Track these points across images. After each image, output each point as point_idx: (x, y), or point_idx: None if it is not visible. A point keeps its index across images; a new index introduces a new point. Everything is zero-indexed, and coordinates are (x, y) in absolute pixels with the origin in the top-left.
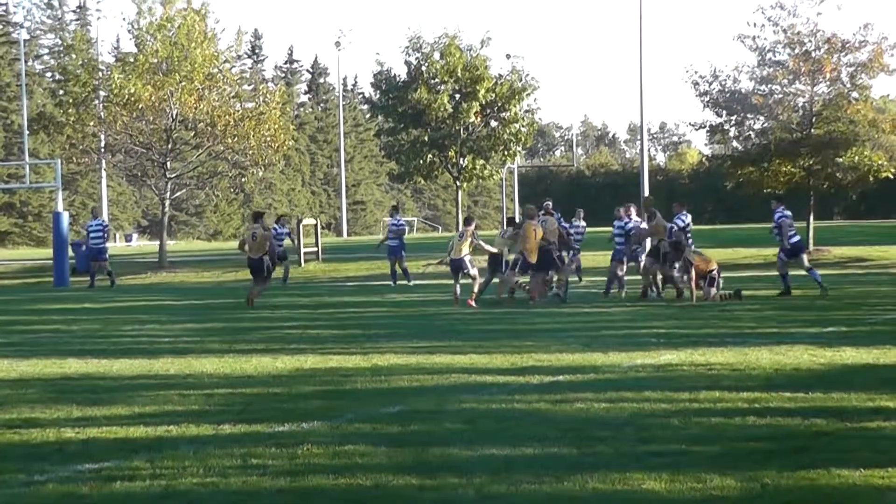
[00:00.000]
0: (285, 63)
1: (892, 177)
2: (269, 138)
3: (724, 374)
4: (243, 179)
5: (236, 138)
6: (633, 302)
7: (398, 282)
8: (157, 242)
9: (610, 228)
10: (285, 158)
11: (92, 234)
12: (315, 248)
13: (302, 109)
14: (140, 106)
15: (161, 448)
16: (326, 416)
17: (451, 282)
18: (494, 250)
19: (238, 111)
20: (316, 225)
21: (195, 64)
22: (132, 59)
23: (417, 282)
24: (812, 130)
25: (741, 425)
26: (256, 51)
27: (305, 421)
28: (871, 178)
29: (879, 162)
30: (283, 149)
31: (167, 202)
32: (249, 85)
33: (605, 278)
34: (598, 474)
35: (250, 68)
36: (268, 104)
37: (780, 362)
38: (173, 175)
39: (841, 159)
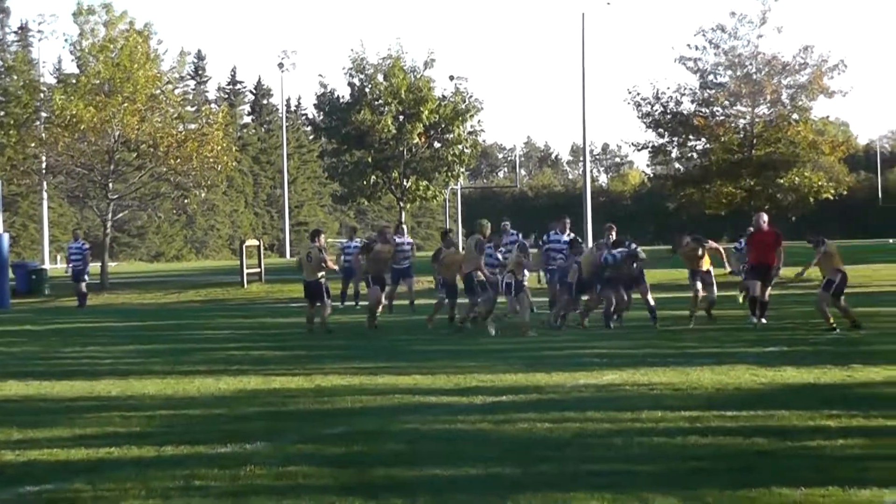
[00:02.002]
0: (228, 84)
1: (832, 198)
2: (211, 159)
3: (666, 393)
4: (186, 201)
5: (179, 159)
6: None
7: (346, 303)
8: (99, 264)
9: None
10: (228, 180)
11: (73, 256)
12: (258, 270)
13: (245, 131)
14: (82, 127)
15: (102, 470)
16: (269, 438)
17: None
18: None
19: (181, 132)
20: (259, 246)
21: (138, 85)
22: (74, 81)
23: (365, 303)
24: (753, 152)
25: (683, 445)
26: (199, 72)
27: (248, 442)
28: (812, 200)
29: (819, 183)
30: (225, 170)
31: (109, 223)
32: (192, 106)
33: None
34: (541, 494)
35: (193, 89)
36: (210, 125)
37: (721, 382)
38: (115, 196)
39: (782, 180)
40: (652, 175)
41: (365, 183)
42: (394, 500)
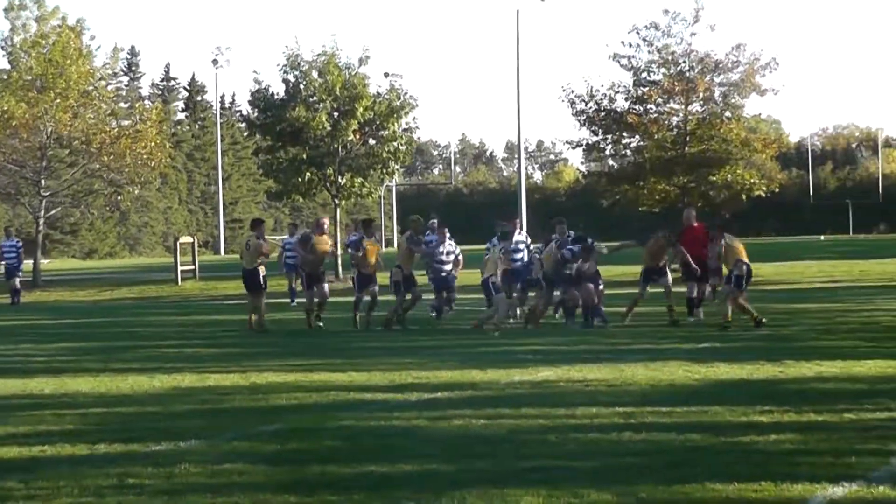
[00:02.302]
0: (162, 80)
1: (764, 195)
2: (145, 156)
3: (600, 389)
4: (119, 198)
5: (112, 156)
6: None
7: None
8: (31, 261)
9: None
10: (162, 176)
11: (6, 254)
12: (192, 267)
13: (179, 127)
14: (13, 123)
15: (35, 468)
16: (204, 435)
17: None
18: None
19: (114, 129)
20: (193, 243)
21: (70, 81)
22: (5, 76)
23: (301, 300)
24: (686, 149)
25: (617, 440)
26: (133, 68)
27: (183, 440)
28: (744, 197)
29: (752, 180)
30: (159, 167)
31: (41, 221)
32: (126, 102)
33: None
34: (476, 490)
35: (126, 86)
36: (144, 122)
37: (655, 378)
38: (48, 193)
39: (715, 178)
40: (586, 172)
41: (300, 180)
42: (329, 497)
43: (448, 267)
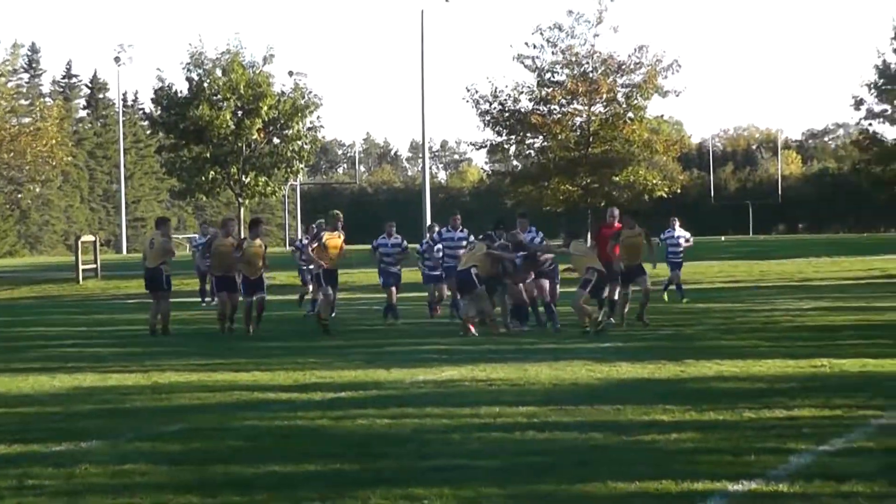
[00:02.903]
0: (63, 78)
1: (666, 195)
2: (45, 154)
3: (504, 389)
4: (19, 196)
5: (12, 154)
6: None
7: (206, 299)
8: None
9: None
10: (63, 174)
11: None
12: (93, 266)
13: (80, 125)
14: None
15: None
16: (106, 435)
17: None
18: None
19: (14, 126)
20: (94, 242)
21: None
22: None
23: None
24: (589, 150)
25: (521, 440)
26: (33, 65)
27: (84, 440)
28: (647, 197)
29: (654, 181)
30: (60, 165)
31: None
32: (26, 100)
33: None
34: (380, 490)
35: (27, 83)
36: (45, 120)
37: (558, 377)
38: None
39: (617, 178)
40: (490, 172)
41: (203, 178)
42: (232, 497)
43: (395, 262)
